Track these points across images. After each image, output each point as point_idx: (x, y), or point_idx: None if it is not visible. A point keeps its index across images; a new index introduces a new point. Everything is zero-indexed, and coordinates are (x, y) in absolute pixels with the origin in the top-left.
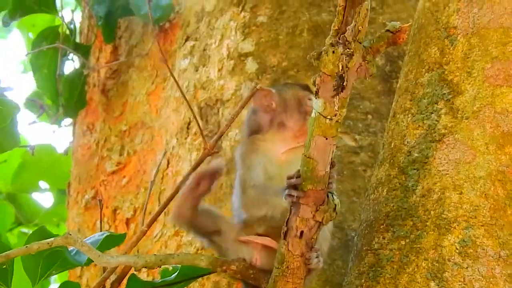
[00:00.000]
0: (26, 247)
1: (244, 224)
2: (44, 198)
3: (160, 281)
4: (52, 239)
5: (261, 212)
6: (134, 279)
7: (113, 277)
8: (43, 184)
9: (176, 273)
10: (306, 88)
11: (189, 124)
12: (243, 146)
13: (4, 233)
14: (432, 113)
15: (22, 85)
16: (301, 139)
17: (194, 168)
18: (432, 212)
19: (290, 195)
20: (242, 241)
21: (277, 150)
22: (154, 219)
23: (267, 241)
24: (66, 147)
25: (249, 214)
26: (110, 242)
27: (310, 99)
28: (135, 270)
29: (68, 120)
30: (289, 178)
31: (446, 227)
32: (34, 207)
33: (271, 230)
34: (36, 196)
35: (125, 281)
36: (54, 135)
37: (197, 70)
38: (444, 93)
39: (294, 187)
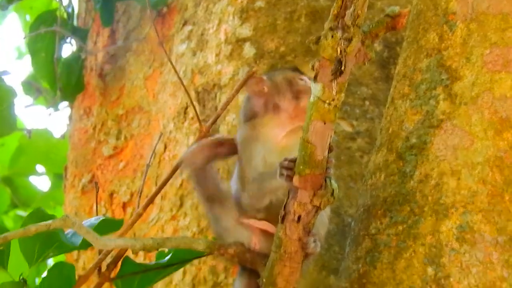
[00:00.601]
0: (24, 229)
1: (244, 210)
2: (41, 182)
3: (154, 263)
4: (50, 221)
5: (263, 203)
6: (128, 261)
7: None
8: (40, 168)
9: (170, 256)
10: (295, 69)
11: (186, 108)
12: (242, 132)
13: (0, 216)
14: (430, 98)
15: (17, 71)
16: (297, 120)
17: None
18: (429, 198)
19: (283, 174)
20: (241, 223)
21: (275, 135)
22: (150, 202)
23: (267, 225)
24: (63, 131)
25: (251, 204)
26: (106, 226)
27: (300, 79)
28: (132, 253)
29: (64, 103)
30: (284, 160)
31: (444, 212)
32: (31, 190)
33: (270, 216)
34: (33, 180)
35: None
36: (50, 118)
37: (194, 55)
38: (443, 79)
39: (288, 168)
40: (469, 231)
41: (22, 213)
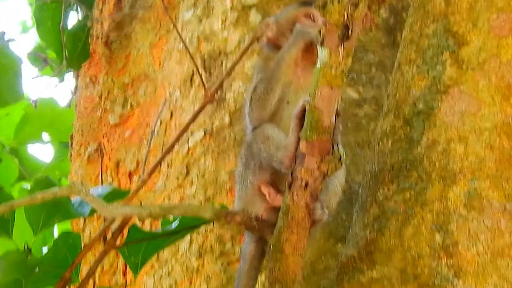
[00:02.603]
0: (31, 196)
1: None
2: (45, 151)
3: (160, 230)
4: (56, 188)
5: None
6: (135, 229)
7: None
8: (45, 136)
9: (176, 223)
10: (304, 3)
11: (192, 76)
12: (258, 63)
13: (7, 187)
14: (437, 64)
15: (23, 45)
16: (302, 62)
17: (195, 117)
18: (437, 164)
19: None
20: (259, 191)
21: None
22: (155, 168)
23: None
24: (68, 100)
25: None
26: (113, 196)
27: (306, 16)
28: (139, 221)
29: (70, 74)
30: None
31: (451, 178)
32: (36, 161)
33: (277, 178)
34: (37, 148)
35: (125, 232)
36: (56, 88)
37: (200, 22)
38: (449, 44)
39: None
40: (477, 198)
41: (28, 185)
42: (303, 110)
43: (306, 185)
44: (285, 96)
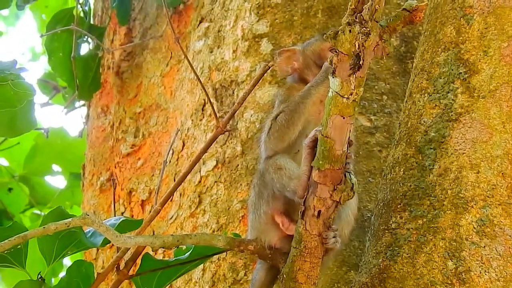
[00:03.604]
0: (44, 227)
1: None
2: (56, 181)
3: (173, 259)
4: (69, 219)
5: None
6: (148, 258)
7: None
8: (55, 167)
9: (189, 252)
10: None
11: (204, 105)
12: (281, 92)
13: (17, 215)
14: (448, 92)
15: (32, 72)
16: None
17: (207, 147)
18: (449, 191)
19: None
20: (273, 221)
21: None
22: (168, 198)
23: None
24: (80, 129)
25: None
26: (126, 226)
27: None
28: (152, 251)
29: (81, 103)
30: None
31: (464, 206)
32: (47, 189)
33: (291, 208)
34: (48, 179)
35: (139, 261)
36: (66, 118)
37: (211, 52)
38: (461, 72)
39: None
40: (489, 225)
41: (39, 212)
42: (315, 140)
43: (319, 214)
44: (305, 130)
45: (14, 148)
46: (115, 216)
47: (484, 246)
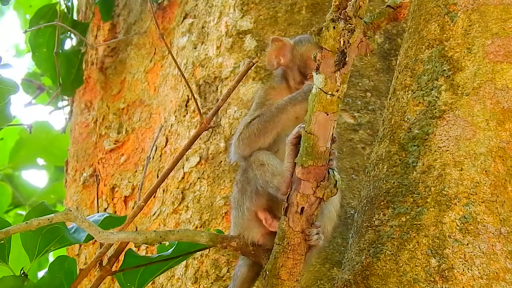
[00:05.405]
0: (26, 223)
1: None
2: (39, 177)
3: (156, 255)
4: (52, 215)
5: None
6: (131, 254)
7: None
8: (40, 161)
9: (172, 248)
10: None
11: (187, 101)
12: (259, 93)
13: (1, 214)
14: (432, 89)
15: (16, 69)
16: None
17: (190, 144)
18: (432, 189)
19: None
20: (256, 217)
21: None
22: (151, 194)
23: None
24: (63, 125)
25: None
26: (110, 223)
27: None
28: (134, 247)
29: (64, 102)
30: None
31: (447, 203)
32: (30, 187)
33: (274, 204)
34: (32, 174)
35: (122, 257)
36: (50, 115)
37: (195, 48)
38: (444, 70)
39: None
40: (472, 222)
41: (23, 212)
42: (298, 136)
43: (302, 210)
44: (286, 130)
45: None
46: (98, 212)
47: (467, 244)
